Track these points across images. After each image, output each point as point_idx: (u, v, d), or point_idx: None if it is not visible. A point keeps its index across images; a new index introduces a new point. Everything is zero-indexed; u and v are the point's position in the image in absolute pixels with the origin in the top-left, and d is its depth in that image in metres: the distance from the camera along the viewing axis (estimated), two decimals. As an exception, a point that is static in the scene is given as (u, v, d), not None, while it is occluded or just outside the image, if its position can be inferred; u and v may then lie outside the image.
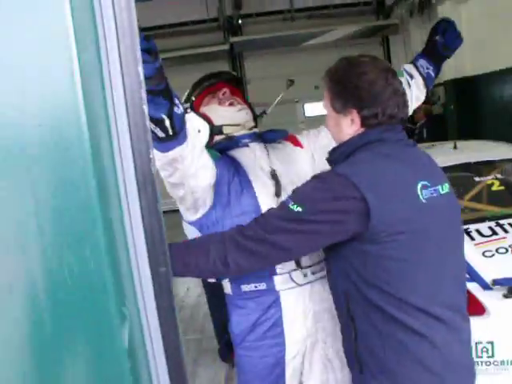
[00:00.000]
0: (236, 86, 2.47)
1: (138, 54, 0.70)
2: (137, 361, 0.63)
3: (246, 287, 2.11)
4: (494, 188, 4.15)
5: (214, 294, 4.26)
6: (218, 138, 2.26)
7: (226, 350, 4.49)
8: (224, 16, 12.06)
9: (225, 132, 2.24)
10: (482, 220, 3.65)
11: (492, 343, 2.86)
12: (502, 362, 2.87)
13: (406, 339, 1.66)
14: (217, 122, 2.23)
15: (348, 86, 1.73)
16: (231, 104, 2.30)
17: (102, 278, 0.58)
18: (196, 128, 1.95)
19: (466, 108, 9.15)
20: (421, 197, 1.65)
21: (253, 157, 2.18)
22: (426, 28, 11.03)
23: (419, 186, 1.66)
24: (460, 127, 8.90)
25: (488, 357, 2.87)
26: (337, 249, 1.72)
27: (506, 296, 2.91)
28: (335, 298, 1.84)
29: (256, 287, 2.10)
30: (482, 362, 2.87)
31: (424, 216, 1.65)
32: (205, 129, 2.00)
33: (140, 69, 0.69)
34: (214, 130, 2.19)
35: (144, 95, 0.70)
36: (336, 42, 12.05)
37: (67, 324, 0.57)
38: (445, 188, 1.74)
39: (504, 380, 2.89)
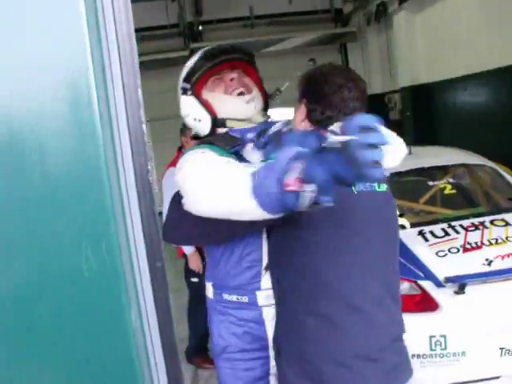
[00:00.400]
0: (248, 63, 2.12)
1: (137, 77, 0.82)
2: (139, 337, 0.76)
3: (227, 296, 2.03)
4: (447, 192, 4.38)
5: (199, 293, 4.30)
6: (220, 130, 2.04)
7: (194, 351, 4.57)
8: (184, 22, 12.10)
9: (228, 125, 2.02)
10: (435, 222, 3.87)
11: (445, 337, 3.05)
12: (454, 354, 3.06)
13: (319, 327, 1.76)
14: (220, 112, 2.01)
15: (310, 81, 1.93)
16: (240, 93, 2.02)
17: (115, 270, 0.71)
18: (197, 118, 1.95)
19: (421, 114, 9.43)
20: (353, 188, 1.78)
21: (257, 157, 1.95)
22: (383, 36, 11.37)
23: None
24: (416, 133, 9.19)
25: (441, 349, 3.05)
26: (273, 236, 1.86)
27: (457, 292, 3.11)
28: (273, 287, 1.94)
29: (238, 299, 2.01)
30: (435, 355, 3.06)
31: (354, 205, 1.79)
32: (206, 122, 1.95)
33: (139, 92, 0.82)
34: (217, 122, 2.01)
35: (143, 114, 0.82)
36: (295, 49, 12.26)
37: (90, 308, 0.70)
38: (382, 187, 1.88)
39: (456, 370, 3.08)
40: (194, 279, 4.33)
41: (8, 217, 0.69)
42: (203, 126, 2.03)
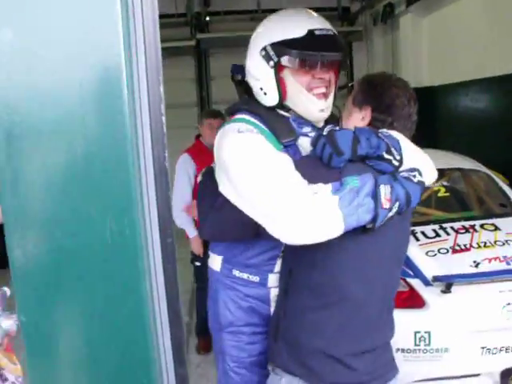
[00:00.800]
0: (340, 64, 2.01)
1: (160, 73, 0.92)
2: (150, 299, 0.88)
3: (238, 273, 2.07)
4: (440, 194, 4.48)
5: (203, 277, 4.31)
6: (280, 110, 1.99)
7: (198, 330, 4.61)
8: (192, 12, 12.13)
9: (291, 112, 1.98)
10: (427, 223, 3.97)
11: (429, 333, 3.16)
12: (437, 350, 3.17)
13: (325, 324, 1.84)
14: (290, 101, 1.95)
15: (377, 89, 1.89)
16: (321, 95, 1.95)
17: (134, 241, 0.82)
18: (264, 89, 1.89)
19: (423, 117, 9.47)
20: None
21: (307, 152, 1.92)
22: (388, 37, 11.45)
23: None
24: (417, 135, 9.27)
25: (425, 345, 3.16)
26: None
27: (443, 291, 3.22)
28: (281, 274, 2.00)
29: (248, 278, 2.06)
30: (419, 350, 3.17)
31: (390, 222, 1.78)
32: (271, 100, 1.90)
33: (161, 89, 0.92)
34: (282, 106, 1.97)
35: (163, 108, 0.92)
36: (301, 45, 12.30)
37: (109, 270, 0.81)
38: None
39: (439, 366, 3.19)
40: (197, 263, 4.38)
41: (50, 193, 0.81)
42: (266, 99, 1.96)
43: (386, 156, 1.69)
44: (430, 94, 9.66)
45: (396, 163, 1.71)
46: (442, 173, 4.70)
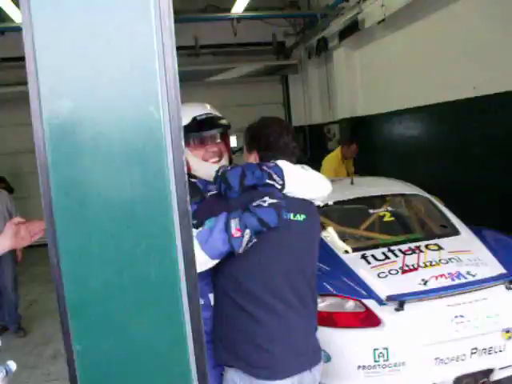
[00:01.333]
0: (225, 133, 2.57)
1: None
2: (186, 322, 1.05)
3: None
4: (386, 219, 4.78)
5: None
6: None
7: None
8: (131, 50, 12.23)
9: (196, 178, 2.44)
10: (376, 247, 4.25)
11: (387, 349, 3.40)
12: (395, 364, 3.40)
13: (242, 320, 2.20)
14: (193, 170, 2.43)
15: (254, 134, 2.42)
16: (215, 162, 2.47)
17: (174, 276, 0.99)
18: None
19: (359, 145, 9.93)
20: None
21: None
22: (323, 69, 11.92)
23: None
24: (354, 162, 9.64)
25: (384, 360, 3.39)
26: None
27: (397, 309, 3.47)
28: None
29: None
30: (379, 365, 3.40)
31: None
32: None
33: (183, 149, 1.09)
34: (191, 175, 2.40)
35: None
36: (239, 79, 12.67)
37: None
38: (298, 216, 2.30)
39: (397, 379, 3.42)
40: None
41: (103, 237, 0.98)
42: None
43: (270, 182, 2.18)
44: (364, 122, 10.12)
45: (278, 186, 2.19)
46: (385, 199, 5.03)
